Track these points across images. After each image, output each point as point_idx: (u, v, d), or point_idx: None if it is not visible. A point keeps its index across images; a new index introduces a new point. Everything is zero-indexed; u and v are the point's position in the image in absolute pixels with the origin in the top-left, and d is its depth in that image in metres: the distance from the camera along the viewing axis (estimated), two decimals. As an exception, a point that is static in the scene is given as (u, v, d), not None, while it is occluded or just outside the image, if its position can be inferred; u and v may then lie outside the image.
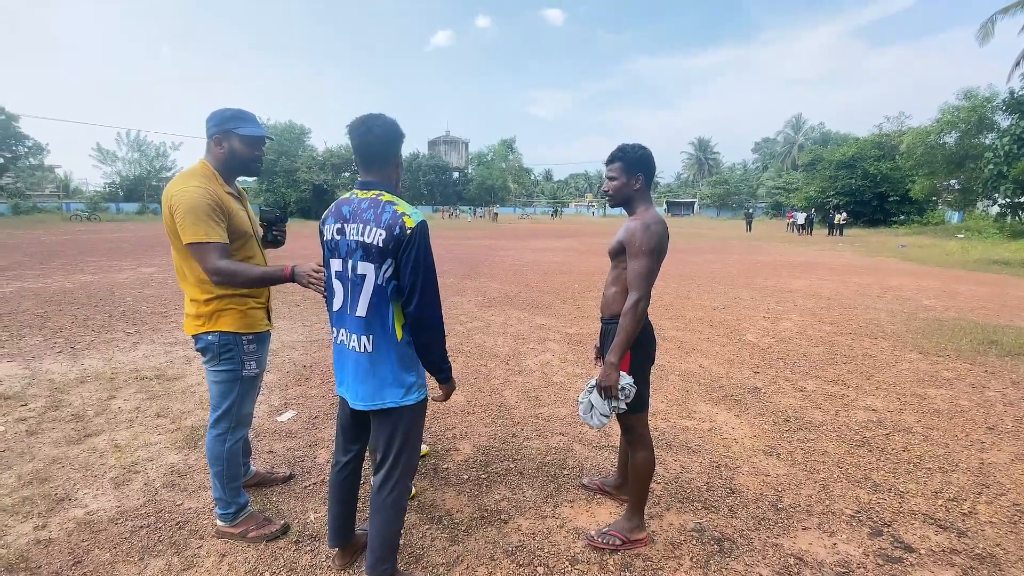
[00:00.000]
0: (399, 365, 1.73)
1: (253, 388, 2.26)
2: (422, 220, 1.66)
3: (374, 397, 1.74)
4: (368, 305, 1.68)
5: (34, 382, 4.02)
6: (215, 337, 2.09)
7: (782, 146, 71.49)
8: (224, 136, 2.06)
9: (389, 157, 1.75)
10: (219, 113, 2.08)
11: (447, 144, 76.26)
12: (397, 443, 1.78)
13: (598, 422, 2.13)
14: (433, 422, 3.45)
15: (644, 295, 2.00)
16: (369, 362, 1.73)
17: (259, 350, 2.23)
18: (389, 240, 1.62)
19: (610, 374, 2.02)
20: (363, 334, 1.71)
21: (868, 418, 3.62)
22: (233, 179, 2.19)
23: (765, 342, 5.58)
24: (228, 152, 2.08)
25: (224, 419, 2.18)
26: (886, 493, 2.68)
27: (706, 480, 2.77)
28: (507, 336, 5.66)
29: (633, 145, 2.14)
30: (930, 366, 4.82)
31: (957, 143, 25.44)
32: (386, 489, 1.81)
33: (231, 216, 2.05)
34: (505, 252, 15.73)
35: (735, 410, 3.73)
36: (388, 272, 1.66)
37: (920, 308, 7.56)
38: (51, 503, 2.46)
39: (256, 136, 2.11)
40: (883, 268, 12.82)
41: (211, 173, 2.07)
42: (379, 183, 1.74)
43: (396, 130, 1.73)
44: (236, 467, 2.23)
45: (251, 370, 2.19)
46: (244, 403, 2.22)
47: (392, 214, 1.64)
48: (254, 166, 2.14)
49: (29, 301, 7.01)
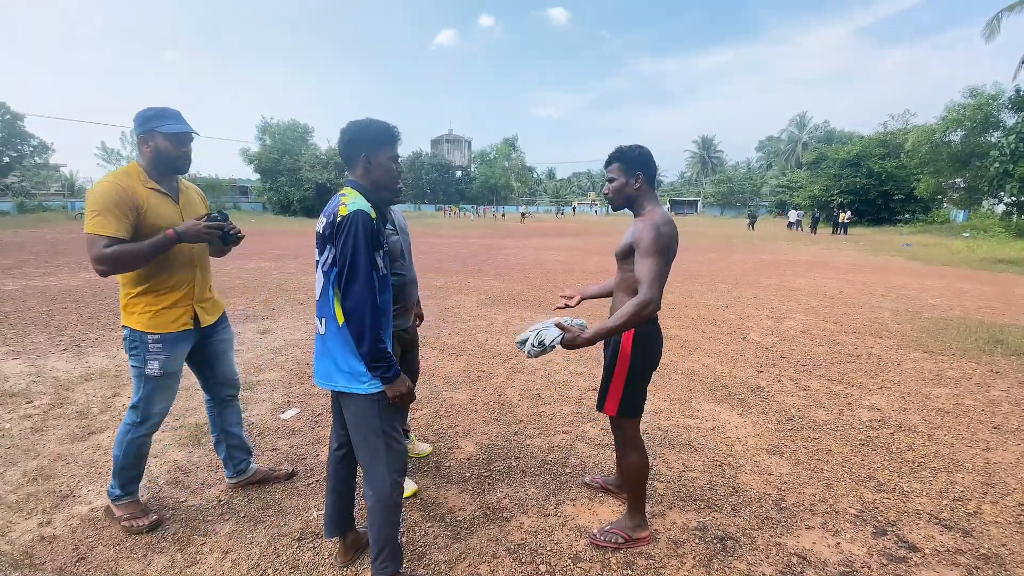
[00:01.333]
0: (346, 350, 1.77)
1: (160, 388, 2.22)
2: (358, 210, 1.68)
3: (326, 377, 1.82)
4: (320, 290, 1.79)
5: (39, 379, 4.04)
6: (127, 332, 2.18)
7: (786, 145, 71.18)
8: (148, 135, 2.11)
9: (354, 158, 1.82)
10: (142, 113, 2.12)
11: (450, 143, 76.29)
12: (362, 432, 1.82)
13: (528, 350, 2.02)
14: (435, 420, 3.45)
15: (654, 298, 1.90)
16: (322, 343, 1.82)
17: (166, 350, 2.19)
18: (327, 227, 1.71)
19: (578, 343, 1.93)
20: (319, 316, 1.82)
21: (872, 417, 3.61)
22: (167, 177, 2.21)
23: (769, 341, 5.56)
24: (154, 151, 2.12)
25: (134, 410, 2.23)
26: (890, 492, 2.67)
27: (709, 479, 2.77)
28: (509, 335, 5.66)
29: (631, 145, 2.12)
30: (935, 365, 4.80)
31: (963, 141, 25.30)
32: (366, 486, 1.85)
33: (145, 212, 2.08)
34: (508, 251, 15.73)
35: (738, 409, 3.72)
36: (329, 259, 1.73)
37: (925, 307, 7.52)
38: (55, 499, 2.47)
39: (178, 133, 2.13)
40: (887, 267, 12.76)
41: (136, 172, 2.13)
42: (351, 180, 1.83)
43: (363, 133, 1.80)
44: (133, 460, 2.25)
45: (153, 370, 2.17)
46: (152, 401, 2.22)
47: (335, 203, 1.74)
48: (181, 163, 2.18)
49: (34, 299, 7.05)
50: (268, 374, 4.29)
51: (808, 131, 68.15)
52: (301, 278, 9.36)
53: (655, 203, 2.11)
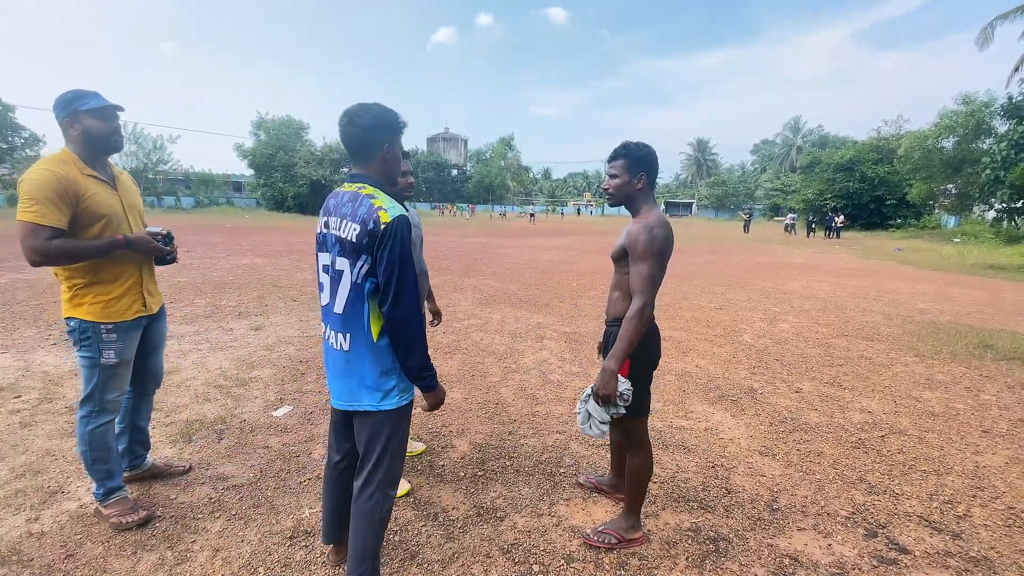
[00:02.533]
0: (376, 367, 1.66)
1: (115, 376, 2.22)
2: (400, 215, 1.57)
3: (351, 397, 1.69)
4: (345, 302, 1.63)
5: (28, 374, 4.00)
6: (76, 323, 2.13)
7: (780, 148, 71.60)
8: (73, 118, 2.05)
9: (372, 149, 1.66)
10: (61, 98, 2.05)
11: (446, 141, 76.15)
12: (376, 449, 1.71)
13: (598, 431, 2.07)
14: (429, 419, 3.44)
15: (648, 301, 1.93)
16: (345, 361, 1.68)
17: (121, 339, 2.19)
18: (363, 235, 1.55)
19: (608, 382, 1.94)
20: (340, 331, 1.66)
21: (864, 420, 3.63)
22: (100, 160, 2.16)
23: (762, 343, 5.59)
24: (82, 132, 2.06)
25: (87, 403, 2.20)
26: (881, 495, 2.69)
27: (702, 480, 2.77)
28: (504, 334, 5.66)
29: (637, 143, 2.06)
30: (926, 369, 4.84)
31: (955, 148, 25.56)
32: (364, 496, 1.73)
33: (83, 199, 2.02)
34: (503, 250, 15.73)
35: (731, 411, 3.73)
36: (364, 269, 1.58)
37: (916, 311, 7.59)
38: (44, 496, 2.44)
39: (103, 107, 2.07)
40: (879, 271, 12.86)
41: (70, 158, 2.06)
42: (364, 176, 1.68)
43: (383, 121, 1.64)
44: (101, 451, 2.23)
45: (109, 359, 2.17)
46: (106, 390, 2.21)
47: (368, 208, 1.56)
48: (114, 140, 2.14)
49: (24, 292, 6.97)
50: (261, 371, 4.26)
51: (802, 135, 68.65)
52: (294, 275, 9.31)
53: (652, 204, 2.08)
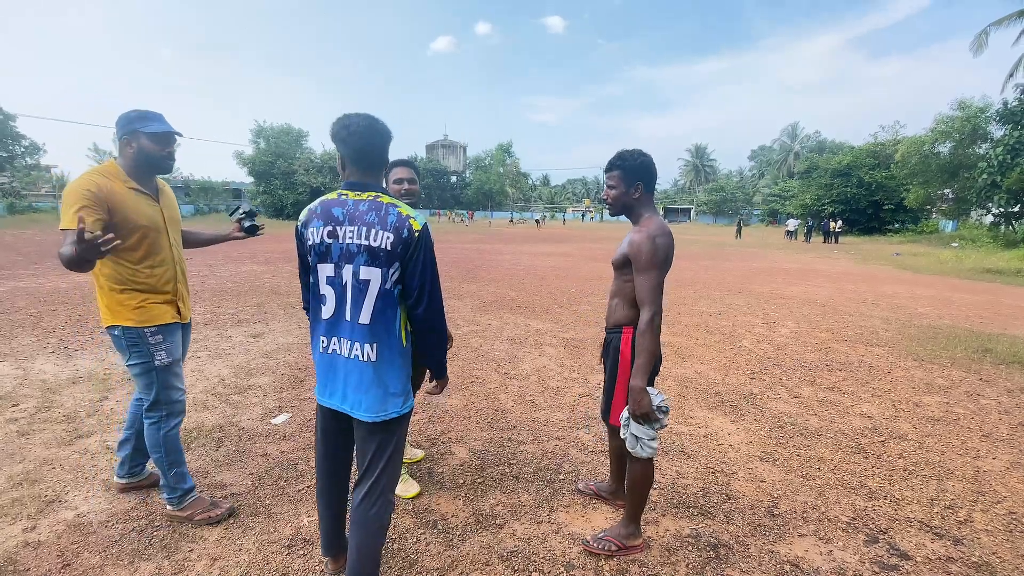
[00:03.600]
0: (403, 373, 1.71)
1: (172, 375, 2.27)
2: (426, 222, 1.65)
3: (379, 409, 1.67)
4: (373, 311, 1.62)
5: (26, 382, 3.98)
6: (120, 331, 2.16)
7: (778, 154, 71.83)
8: (132, 136, 2.12)
9: (386, 159, 1.74)
10: (125, 115, 2.13)
11: (445, 148, 76.35)
12: (385, 455, 1.71)
13: (649, 451, 2.04)
14: (428, 426, 3.43)
15: (656, 310, 1.95)
16: (373, 371, 1.65)
17: (167, 339, 2.24)
18: (398, 243, 1.58)
19: (641, 400, 1.93)
20: (366, 342, 1.63)
21: (864, 425, 3.63)
22: (147, 177, 2.23)
23: (761, 348, 5.59)
24: (137, 151, 2.13)
25: (156, 408, 2.25)
26: (882, 500, 2.68)
27: (702, 486, 2.76)
28: (503, 340, 5.65)
29: (632, 152, 2.07)
30: (925, 374, 4.84)
31: (951, 153, 25.65)
32: (368, 502, 1.71)
33: (119, 210, 2.06)
34: (502, 256, 15.74)
35: (731, 416, 3.72)
36: (395, 276, 1.62)
37: (915, 316, 7.59)
38: (41, 505, 2.43)
39: (163, 133, 2.15)
40: (878, 276, 12.88)
41: (114, 171, 2.13)
42: (375, 185, 1.68)
43: (389, 133, 1.71)
44: (176, 453, 2.29)
45: (162, 360, 2.22)
46: (170, 391, 2.26)
47: (398, 216, 1.60)
48: (166, 163, 2.20)
49: (22, 300, 6.96)
50: (259, 378, 4.25)
51: (800, 141, 68.85)
52: (294, 282, 9.30)
53: (652, 212, 2.09)
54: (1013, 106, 20.36)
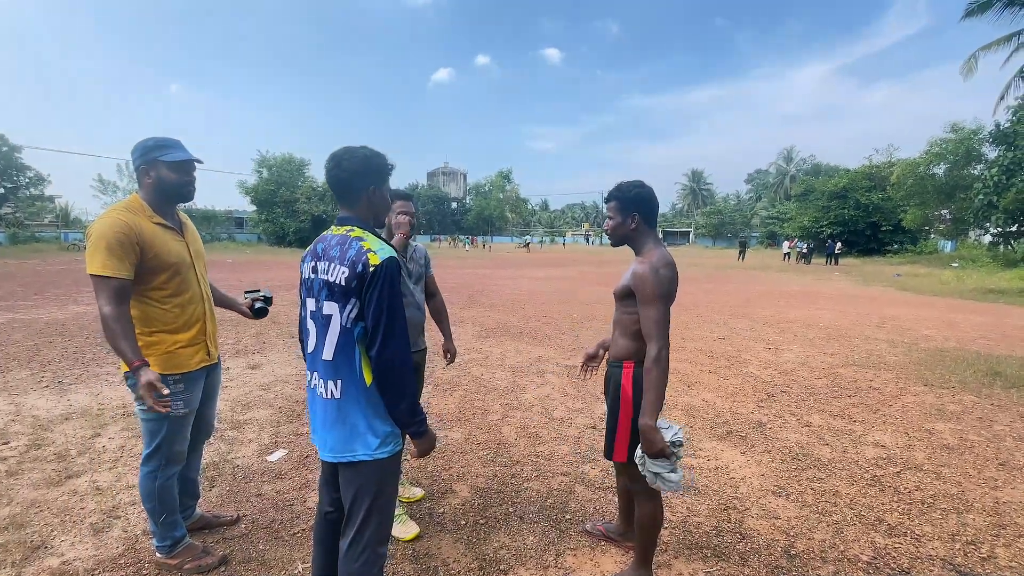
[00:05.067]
0: (370, 412, 1.59)
1: (183, 427, 2.20)
2: (389, 256, 1.54)
3: (344, 448, 1.59)
4: (335, 348, 1.57)
5: (18, 419, 3.89)
6: None
7: (775, 177, 72.51)
8: (150, 166, 2.04)
9: (359, 192, 1.64)
10: (141, 144, 2.05)
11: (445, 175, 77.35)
12: (366, 501, 1.60)
13: (674, 485, 1.92)
14: (428, 462, 3.33)
15: (663, 344, 1.88)
16: (337, 409, 1.59)
17: (188, 389, 2.17)
18: (352, 278, 1.51)
19: (653, 439, 1.85)
20: (330, 379, 1.59)
21: (878, 455, 3.53)
22: (169, 208, 2.16)
23: (768, 374, 5.49)
24: (156, 181, 2.06)
25: (154, 457, 2.16)
26: (902, 537, 2.57)
27: (715, 524, 2.66)
28: (505, 368, 5.57)
29: (630, 183, 2.06)
30: (936, 399, 4.74)
31: (946, 174, 25.90)
32: (353, 553, 1.62)
33: (150, 247, 2.00)
34: (503, 281, 15.71)
35: (741, 447, 3.62)
36: (353, 313, 1.54)
37: (920, 338, 7.51)
38: (26, 551, 2.33)
39: (183, 161, 2.08)
40: (880, 297, 12.83)
41: (138, 206, 2.06)
42: (353, 218, 1.65)
43: (369, 164, 1.63)
44: (169, 503, 2.20)
45: (178, 410, 2.13)
46: (174, 442, 2.18)
47: (357, 250, 1.54)
48: (187, 190, 2.14)
49: (19, 333, 6.89)
50: (256, 412, 4.16)
51: (795, 164, 69.61)
52: (293, 311, 9.24)
53: (654, 243, 2.05)
54: (1006, 128, 20.63)
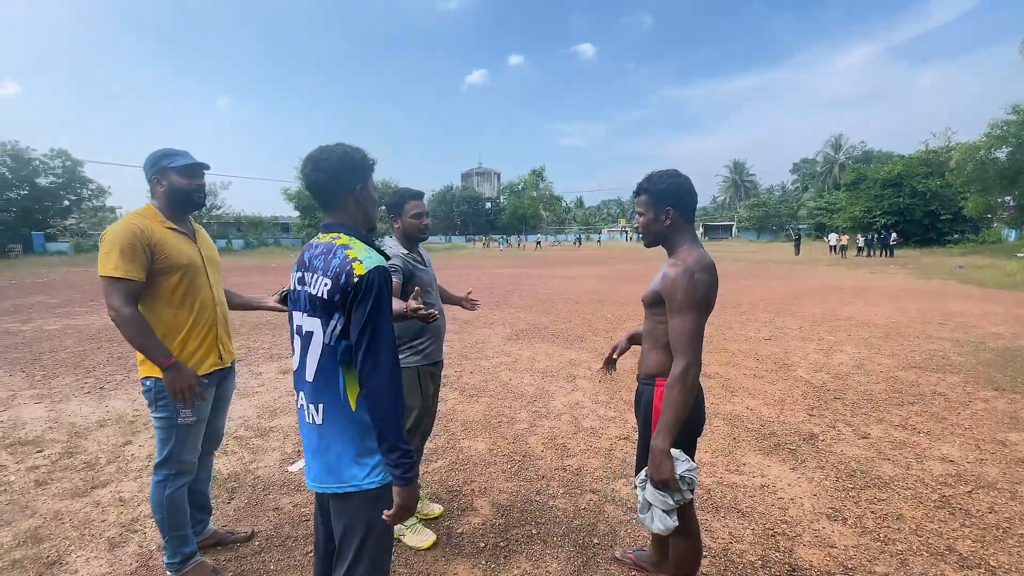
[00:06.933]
0: (358, 438, 1.40)
1: (191, 436, 2.16)
2: (378, 266, 1.37)
3: (327, 477, 1.43)
4: (316, 368, 1.41)
5: (56, 426, 3.99)
6: (152, 383, 2.06)
7: (822, 166, 69.27)
8: (161, 175, 2.11)
9: (343, 194, 1.48)
10: (151, 156, 2.13)
11: (479, 176, 77.76)
12: (356, 539, 1.42)
13: (660, 524, 1.68)
14: (450, 475, 3.18)
15: (693, 361, 1.63)
16: (319, 436, 1.43)
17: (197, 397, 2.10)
18: (335, 291, 1.35)
19: (663, 464, 1.63)
20: (311, 402, 1.43)
21: (945, 471, 3.16)
22: (182, 216, 2.21)
23: (819, 378, 5.10)
24: (168, 188, 2.11)
25: (164, 466, 2.13)
26: (975, 569, 2.25)
27: (761, 553, 2.39)
28: (534, 373, 5.38)
29: (661, 173, 1.80)
30: (1008, 405, 4.27)
31: (1009, 158, 24.10)
32: None
33: (161, 249, 2.04)
34: (536, 280, 15.52)
35: (790, 462, 3.31)
36: (337, 329, 1.38)
37: (988, 336, 6.88)
38: (41, 567, 2.31)
39: (190, 164, 2.13)
40: (941, 292, 11.93)
41: (152, 213, 2.11)
42: (339, 224, 1.49)
43: (350, 163, 1.47)
44: (179, 515, 2.15)
45: (186, 418, 2.09)
46: (183, 450, 2.15)
47: (342, 260, 1.37)
48: (197, 196, 2.18)
49: (71, 339, 7.19)
50: (283, 419, 4.13)
51: (844, 152, 66.34)
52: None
53: (691, 242, 1.78)
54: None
